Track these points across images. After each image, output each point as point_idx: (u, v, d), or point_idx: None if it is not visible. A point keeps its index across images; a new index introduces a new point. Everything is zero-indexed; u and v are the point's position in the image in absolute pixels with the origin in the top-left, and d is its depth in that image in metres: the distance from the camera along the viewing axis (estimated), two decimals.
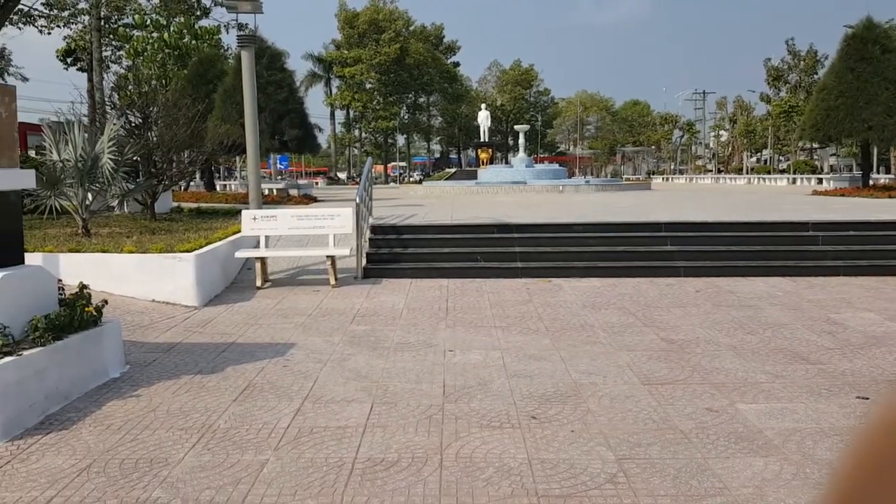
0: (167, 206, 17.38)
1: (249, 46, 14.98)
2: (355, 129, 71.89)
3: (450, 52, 72.26)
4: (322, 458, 4.31)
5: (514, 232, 11.81)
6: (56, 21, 35.36)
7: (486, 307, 8.79)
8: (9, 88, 5.66)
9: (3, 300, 5.12)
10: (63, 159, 11.14)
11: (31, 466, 4.27)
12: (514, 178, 29.86)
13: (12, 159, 5.56)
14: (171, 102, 15.95)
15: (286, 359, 6.59)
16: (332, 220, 10.65)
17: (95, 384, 5.78)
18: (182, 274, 9.16)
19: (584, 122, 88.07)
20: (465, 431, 4.73)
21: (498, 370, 6.15)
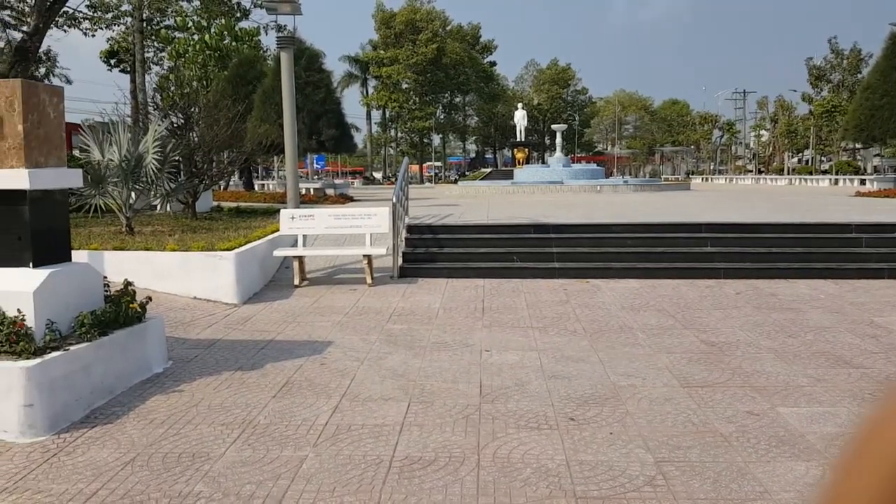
0: (208, 206, 17.65)
1: (288, 48, 15.13)
2: (391, 128, 72.22)
3: (486, 52, 72.22)
4: (360, 456, 4.35)
5: (552, 232, 11.75)
6: (99, 23, 36.11)
7: (522, 307, 8.77)
8: (56, 89, 5.80)
9: (51, 297, 5.25)
10: (107, 159, 11.37)
11: (76, 459, 4.37)
12: (551, 177, 29.72)
13: (60, 158, 5.70)
14: (212, 103, 16.19)
15: (324, 357, 6.65)
16: (369, 219, 10.71)
17: (139, 379, 5.90)
18: (222, 272, 9.29)
19: (622, 122, 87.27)
20: (502, 432, 4.72)
21: (535, 371, 6.13)
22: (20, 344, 4.84)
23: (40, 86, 5.70)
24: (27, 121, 5.25)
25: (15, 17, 34.83)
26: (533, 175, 31.39)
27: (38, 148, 5.36)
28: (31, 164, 5.25)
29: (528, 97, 73.24)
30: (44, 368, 4.80)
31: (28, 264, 5.28)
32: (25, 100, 5.24)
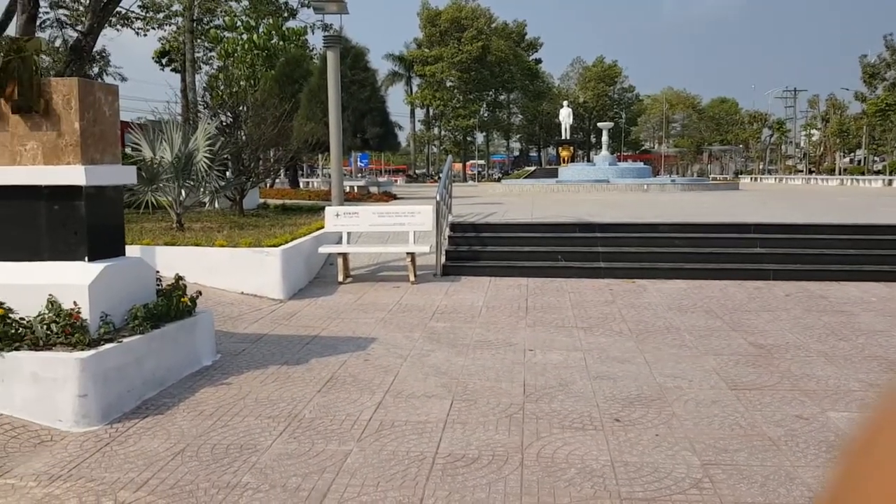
0: (254, 203, 17.92)
1: (335, 46, 15.27)
2: (435, 127, 72.37)
3: (532, 49, 71.94)
4: (403, 452, 4.37)
5: (597, 231, 11.65)
6: (151, 23, 36.97)
7: (567, 307, 8.72)
8: (112, 87, 5.95)
9: (106, 290, 5.39)
10: (159, 156, 11.63)
11: (128, 449, 4.49)
12: (597, 176, 29.45)
13: (115, 156, 5.85)
14: (260, 102, 16.44)
15: (367, 353, 6.70)
16: (413, 217, 10.76)
17: (189, 371, 6.02)
18: (269, 268, 9.43)
19: (669, 120, 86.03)
20: (546, 432, 4.71)
21: (580, 371, 6.09)
22: (75, 336, 4.99)
23: (96, 84, 5.86)
24: (83, 118, 5.40)
25: (70, 16, 35.83)
26: (578, 174, 31.13)
27: (93, 145, 5.51)
28: (87, 160, 5.40)
29: (573, 95, 72.69)
30: (98, 360, 4.93)
31: (83, 258, 5.43)
32: (82, 98, 5.39)
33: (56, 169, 5.36)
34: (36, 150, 5.40)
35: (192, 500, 3.77)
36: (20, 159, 5.42)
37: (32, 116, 5.38)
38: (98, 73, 43.17)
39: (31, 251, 5.44)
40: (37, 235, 5.44)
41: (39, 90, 5.37)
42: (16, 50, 5.42)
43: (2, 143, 5.43)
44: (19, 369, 4.84)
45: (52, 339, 4.98)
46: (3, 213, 5.47)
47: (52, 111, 5.37)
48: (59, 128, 5.37)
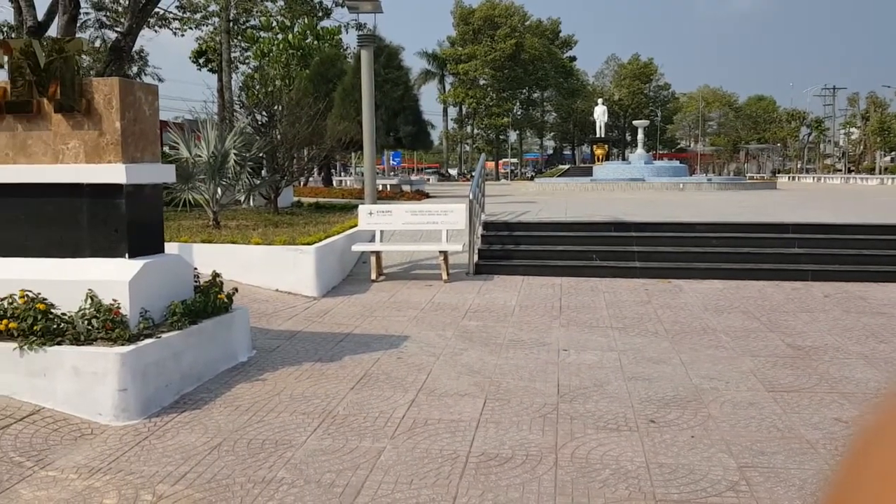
0: (288, 201, 18.07)
1: (369, 45, 15.34)
2: (467, 125, 72.34)
3: (566, 47, 71.56)
4: (437, 450, 4.38)
5: (633, 230, 11.56)
6: (188, 23, 37.47)
7: (601, 307, 8.66)
8: (152, 87, 6.05)
9: (145, 286, 5.48)
10: (195, 155, 11.80)
11: (166, 443, 4.56)
12: (632, 174, 29.19)
13: (155, 154, 5.95)
14: (294, 101, 16.58)
15: (400, 351, 6.73)
16: (446, 215, 10.77)
17: (225, 367, 6.10)
18: (303, 265, 9.51)
19: (705, 118, 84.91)
20: (580, 432, 4.68)
21: (615, 372, 6.04)
22: (116, 331, 5.08)
23: (136, 84, 5.96)
24: (124, 118, 5.50)
25: (110, 17, 36.50)
26: (613, 172, 30.87)
27: (134, 144, 5.60)
28: (127, 159, 5.50)
29: (608, 93, 72.13)
30: (137, 355, 5.02)
31: (124, 255, 5.53)
32: (122, 97, 5.49)
33: (97, 167, 5.47)
34: (78, 149, 5.51)
35: (229, 494, 3.82)
36: (63, 158, 5.54)
37: (74, 115, 5.49)
38: (137, 72, 43.91)
39: (73, 248, 5.56)
40: (78, 232, 5.56)
41: (81, 90, 5.48)
42: (58, 50, 5.53)
43: (45, 141, 5.56)
44: (61, 364, 4.95)
45: (93, 334, 5.08)
46: (46, 211, 5.59)
47: (94, 110, 5.48)
48: (100, 127, 5.48)
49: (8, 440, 4.44)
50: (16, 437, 4.50)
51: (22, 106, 5.53)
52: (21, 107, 5.54)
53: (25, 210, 5.62)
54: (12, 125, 5.60)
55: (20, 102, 5.53)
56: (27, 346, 4.96)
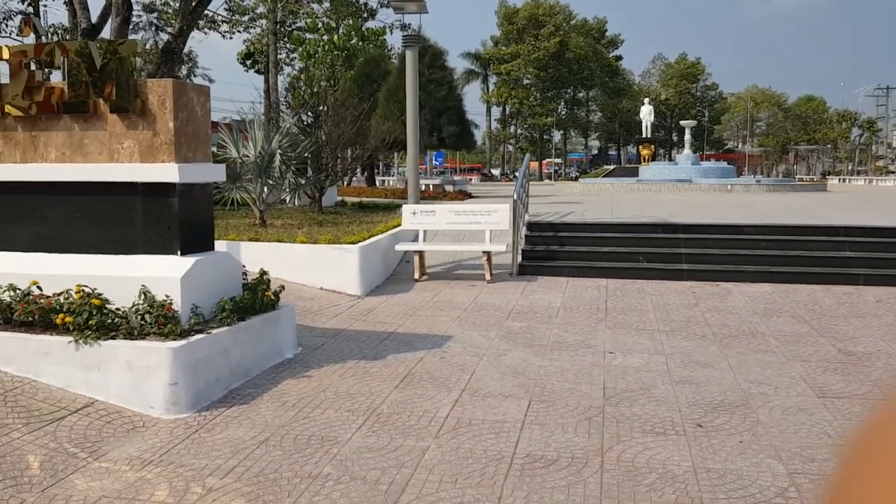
0: (332, 200, 18.23)
1: (413, 46, 15.39)
2: (511, 125, 72.12)
3: (612, 46, 70.90)
4: (481, 450, 4.38)
5: (680, 232, 11.40)
6: (237, 26, 38.10)
7: (648, 309, 8.55)
8: (204, 88, 6.16)
9: (196, 283, 5.59)
10: (243, 155, 11.99)
11: (216, 436, 4.64)
12: (679, 175, 28.79)
13: (206, 154, 6.06)
14: (339, 102, 16.73)
15: (443, 350, 6.74)
16: (489, 216, 10.75)
17: (272, 363, 6.19)
18: (347, 264, 9.59)
19: (754, 119, 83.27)
20: (626, 435, 4.63)
21: (661, 375, 5.97)
22: (168, 326, 5.19)
23: (189, 85, 6.08)
24: (177, 118, 5.61)
25: (161, 19, 37.31)
26: (659, 173, 30.48)
27: (186, 144, 5.72)
28: (180, 159, 5.61)
29: (654, 92, 71.20)
30: (188, 350, 5.13)
31: (176, 252, 5.64)
32: (176, 98, 5.60)
33: (151, 166, 5.59)
34: (133, 149, 5.64)
35: (276, 489, 3.87)
36: (118, 157, 5.68)
37: (129, 116, 5.62)
38: (187, 74, 44.78)
39: (127, 245, 5.70)
40: (132, 230, 5.69)
41: (136, 91, 5.61)
42: (112, 52, 5.67)
43: (101, 141, 5.70)
44: (115, 357, 5.07)
45: (146, 328, 5.20)
46: (102, 209, 5.74)
47: (148, 111, 5.60)
48: (154, 127, 5.60)
49: (63, 431, 4.57)
50: (70, 428, 4.62)
51: (79, 106, 5.69)
52: (78, 107, 5.69)
53: (81, 207, 5.78)
54: (69, 125, 5.76)
55: (77, 103, 5.68)
56: (82, 340, 5.10)
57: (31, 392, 4.98)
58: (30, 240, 5.86)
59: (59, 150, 5.77)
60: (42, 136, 5.80)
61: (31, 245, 5.86)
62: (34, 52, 5.86)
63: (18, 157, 5.84)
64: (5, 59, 5.84)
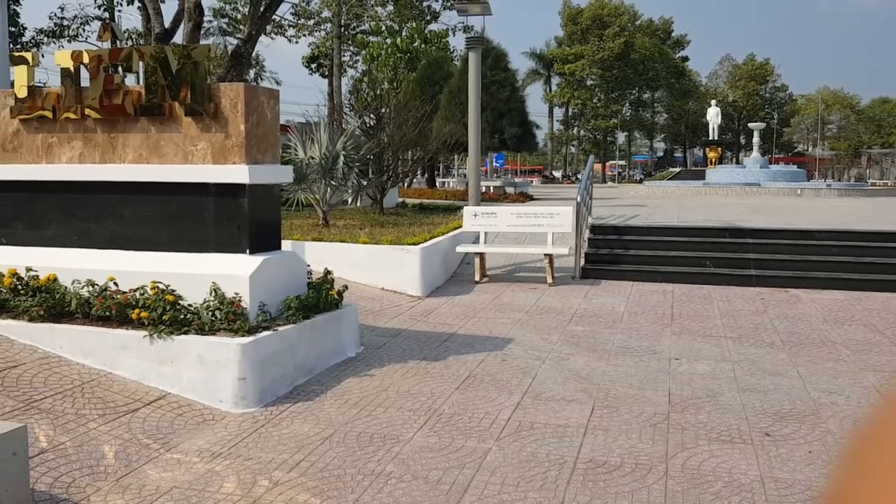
0: (393, 202, 18.40)
1: (476, 48, 15.41)
2: (573, 126, 71.50)
3: (678, 47, 69.66)
4: (543, 454, 4.36)
5: (748, 237, 11.13)
6: (302, 30, 38.82)
7: (715, 316, 8.37)
8: (273, 91, 6.31)
9: (264, 281, 5.73)
10: (308, 156, 12.21)
11: (282, 431, 4.75)
12: (747, 179, 28.10)
13: (275, 156, 6.20)
14: (402, 104, 16.87)
15: (504, 353, 6.73)
16: (552, 218, 10.68)
17: (335, 361, 6.29)
18: (408, 265, 9.67)
19: (825, 121, 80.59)
20: (691, 443, 4.55)
21: (728, 382, 5.84)
22: (237, 322, 5.33)
23: (260, 88, 6.23)
24: (248, 121, 5.76)
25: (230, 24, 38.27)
26: (727, 176, 29.79)
27: (256, 146, 5.86)
28: (250, 160, 5.76)
29: (722, 94, 69.63)
30: (256, 346, 5.26)
31: (245, 251, 5.79)
32: (247, 101, 5.75)
33: (223, 168, 5.76)
34: (206, 150, 5.81)
35: (340, 485, 3.94)
36: (191, 158, 5.86)
37: (203, 119, 5.80)
38: (254, 77, 45.86)
39: (199, 243, 5.87)
40: (204, 229, 5.86)
41: (209, 94, 5.78)
42: (186, 56, 5.85)
43: (176, 143, 5.90)
44: (187, 352, 5.24)
45: (216, 324, 5.36)
46: (175, 208, 5.93)
47: (221, 114, 5.77)
48: (226, 129, 5.76)
49: (137, 423, 4.74)
50: (144, 420, 4.79)
51: (155, 109, 5.89)
52: (154, 110, 5.89)
53: (157, 207, 5.98)
54: (146, 127, 5.97)
55: (153, 105, 5.88)
56: (156, 334, 5.28)
57: (107, 384, 5.19)
58: (107, 237, 6.10)
59: (136, 151, 5.99)
60: (120, 138, 6.03)
61: (108, 242, 6.09)
62: (112, 57, 6.10)
63: (98, 157, 6.09)
64: (85, 63, 6.08)
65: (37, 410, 4.60)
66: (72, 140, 6.14)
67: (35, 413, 4.55)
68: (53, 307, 5.62)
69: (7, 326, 5.58)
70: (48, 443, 4.25)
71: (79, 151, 6.13)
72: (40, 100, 6.16)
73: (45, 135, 6.22)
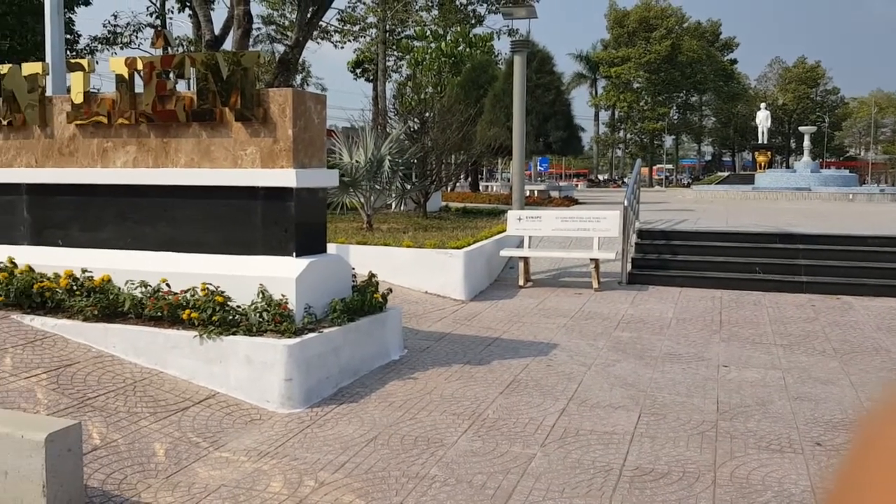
0: (437, 205, 18.43)
1: (522, 51, 15.38)
2: (619, 130, 70.79)
3: (727, 49, 68.49)
4: (589, 461, 4.32)
5: (799, 242, 10.89)
6: (348, 35, 39.21)
7: (764, 322, 8.20)
8: (321, 97, 6.39)
9: (310, 283, 5.80)
10: (354, 161, 12.31)
11: (327, 432, 4.79)
12: (797, 183, 27.48)
13: (321, 161, 6.28)
14: (446, 108, 16.91)
15: (549, 358, 6.69)
16: (598, 222, 10.58)
17: (379, 364, 6.33)
18: (452, 269, 9.68)
19: (878, 125, 78.35)
20: (740, 451, 4.46)
21: (778, 391, 5.71)
22: (283, 324, 5.41)
23: (307, 94, 6.32)
24: (296, 126, 5.84)
25: (278, 31, 38.86)
26: (777, 180, 29.17)
27: (303, 150, 5.94)
28: (297, 164, 5.84)
29: (771, 97, 68.22)
30: (302, 347, 5.32)
31: (291, 254, 5.87)
32: (295, 107, 5.83)
33: (271, 172, 5.84)
34: (254, 155, 5.91)
35: (385, 486, 3.96)
36: (241, 163, 5.96)
37: (252, 124, 5.90)
38: (300, 83, 46.45)
39: (247, 246, 5.97)
40: (252, 232, 5.96)
41: (259, 100, 5.88)
42: (236, 63, 5.96)
43: (226, 147, 6.01)
44: (235, 352, 5.33)
45: (264, 326, 5.44)
46: (225, 212, 6.04)
47: (269, 119, 5.86)
48: (274, 134, 5.85)
49: (187, 421, 4.83)
50: (193, 418, 4.88)
51: (206, 114, 6.01)
52: (205, 115, 6.01)
53: (207, 210, 6.10)
54: (197, 132, 6.10)
55: (205, 111, 6.01)
56: (206, 334, 5.38)
57: (158, 383, 5.30)
58: (160, 240, 6.24)
59: (188, 155, 6.12)
60: (173, 143, 6.16)
61: (160, 244, 6.23)
62: (165, 63, 6.24)
63: (151, 162, 6.23)
64: (139, 69, 6.24)
65: (90, 408, 4.72)
66: (126, 145, 6.30)
67: (89, 410, 4.68)
68: (107, 307, 5.77)
69: (63, 326, 5.75)
70: (101, 440, 4.36)
71: (133, 156, 6.29)
72: (96, 105, 6.34)
73: (101, 139, 6.39)
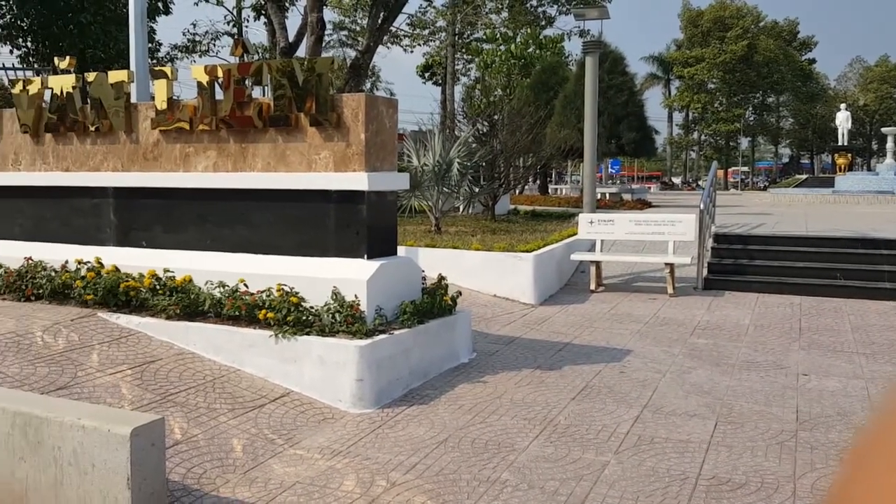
0: (505, 209, 18.37)
1: (594, 52, 15.20)
2: (693, 131, 69.19)
3: (805, 49, 66.19)
4: (664, 469, 4.23)
5: (882, 248, 10.42)
6: (417, 39, 39.54)
7: (846, 330, 7.88)
8: (392, 101, 6.45)
9: (380, 285, 5.86)
10: (423, 164, 12.40)
11: (398, 433, 4.83)
12: (881, 186, 26.31)
13: (392, 164, 6.34)
14: (515, 110, 16.85)
15: (623, 365, 6.58)
16: (673, 226, 10.36)
17: (448, 366, 6.35)
18: (521, 272, 9.62)
19: None
20: (821, 463, 4.30)
21: (861, 401, 5.48)
22: (355, 325, 5.48)
23: (380, 98, 6.39)
24: (368, 130, 5.92)
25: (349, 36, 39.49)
26: (858, 183, 28.00)
27: (375, 154, 6.01)
28: (369, 168, 5.91)
29: (852, 97, 65.56)
30: (373, 348, 5.38)
31: (363, 256, 5.95)
32: (367, 111, 5.91)
33: (344, 175, 5.94)
34: (328, 159, 6.02)
35: (456, 489, 3.97)
36: (315, 167, 6.07)
37: (326, 128, 6.00)
38: (370, 87, 47.09)
39: (320, 248, 6.08)
40: (325, 234, 6.07)
41: (332, 105, 5.98)
42: (310, 69, 6.08)
43: (301, 152, 6.13)
44: (308, 352, 5.43)
45: (336, 327, 5.52)
46: (299, 214, 6.17)
47: (343, 123, 5.95)
48: (347, 138, 5.94)
49: (263, 418, 4.95)
50: (269, 416, 5.00)
51: (282, 120, 6.15)
52: (281, 120, 6.16)
53: (282, 213, 6.25)
54: (274, 137, 6.24)
55: (281, 116, 6.15)
56: (282, 334, 5.50)
57: (235, 380, 5.45)
58: (237, 241, 6.42)
59: (264, 160, 6.28)
60: (250, 148, 6.33)
61: (237, 246, 6.41)
62: (243, 71, 6.41)
63: (230, 166, 6.42)
64: (218, 77, 6.43)
65: (172, 403, 4.88)
66: (207, 150, 6.51)
67: (170, 406, 4.84)
68: (188, 306, 5.97)
69: (146, 324, 5.97)
70: (182, 435, 4.50)
71: (213, 161, 6.48)
72: (178, 112, 6.57)
73: (183, 145, 6.62)
